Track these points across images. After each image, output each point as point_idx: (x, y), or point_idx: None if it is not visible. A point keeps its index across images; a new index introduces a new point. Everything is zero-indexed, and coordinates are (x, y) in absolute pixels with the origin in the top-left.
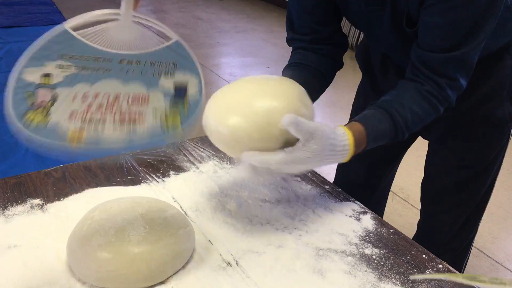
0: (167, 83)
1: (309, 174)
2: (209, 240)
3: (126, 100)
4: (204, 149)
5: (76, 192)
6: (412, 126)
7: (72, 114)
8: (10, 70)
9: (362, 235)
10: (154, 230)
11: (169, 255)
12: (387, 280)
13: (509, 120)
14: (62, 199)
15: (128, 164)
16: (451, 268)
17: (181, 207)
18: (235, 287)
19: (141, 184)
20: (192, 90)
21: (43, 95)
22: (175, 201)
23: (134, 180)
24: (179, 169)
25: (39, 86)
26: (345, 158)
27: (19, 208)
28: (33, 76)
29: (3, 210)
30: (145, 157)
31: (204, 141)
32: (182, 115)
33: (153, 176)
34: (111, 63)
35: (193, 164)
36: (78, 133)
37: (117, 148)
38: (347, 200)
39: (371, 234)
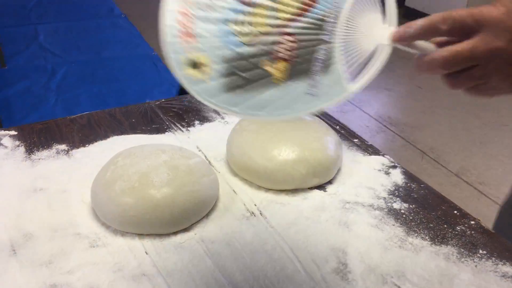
0: None
1: (337, 127)
2: (233, 190)
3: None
4: None
5: (101, 139)
6: None
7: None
8: (41, 22)
9: (391, 189)
10: (178, 177)
11: (192, 202)
12: (416, 235)
13: None
14: (87, 145)
15: (153, 112)
16: (484, 225)
17: (205, 156)
18: (258, 236)
19: (166, 133)
20: None
21: None
22: (199, 150)
23: (158, 128)
24: (204, 119)
25: None
26: None
27: (45, 153)
28: None
29: (29, 154)
30: (170, 106)
31: None
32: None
33: (178, 125)
34: None
35: (219, 114)
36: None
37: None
38: (376, 154)
39: (400, 189)
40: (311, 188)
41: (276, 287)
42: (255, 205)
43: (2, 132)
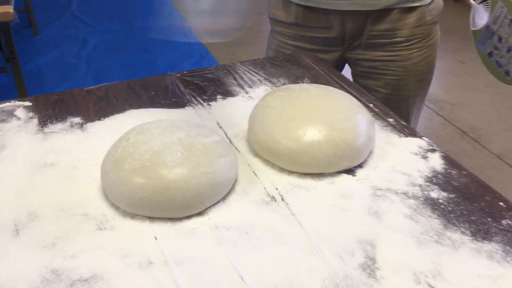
0: None
1: (371, 105)
2: (254, 172)
3: None
4: (256, 73)
5: (118, 112)
6: None
7: None
8: None
9: (429, 175)
10: (192, 156)
11: (206, 184)
12: (455, 228)
13: None
14: (102, 118)
15: (173, 85)
16: None
17: (225, 133)
18: (277, 224)
19: (186, 107)
20: None
21: None
22: (220, 127)
23: (178, 102)
24: (227, 93)
25: None
26: None
27: (58, 126)
28: None
29: (42, 127)
30: (191, 78)
31: (257, 64)
32: None
33: (199, 99)
34: None
35: (243, 88)
36: None
37: None
38: (413, 135)
39: (439, 175)
40: (339, 172)
41: (293, 282)
42: (277, 189)
43: (17, 102)
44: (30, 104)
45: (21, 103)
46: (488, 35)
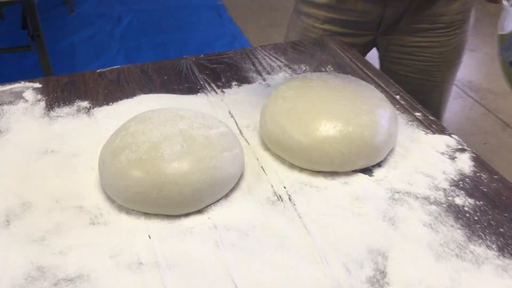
0: None
1: (397, 97)
2: (262, 167)
3: None
4: (276, 58)
5: (127, 97)
6: None
7: None
8: None
9: (455, 179)
10: (193, 150)
11: (207, 181)
12: (480, 241)
13: None
14: (111, 103)
15: (188, 69)
16: None
17: (236, 123)
18: (282, 227)
19: (198, 93)
20: None
21: None
22: (231, 116)
23: (191, 88)
24: (243, 80)
25: None
26: None
27: (65, 110)
28: None
29: (49, 111)
30: (207, 63)
31: (278, 49)
32: None
33: (213, 85)
34: None
35: (260, 75)
36: None
37: None
38: (442, 132)
39: (467, 179)
40: (354, 171)
41: None
42: (285, 187)
43: (27, 84)
44: (40, 86)
45: (30, 84)
46: None
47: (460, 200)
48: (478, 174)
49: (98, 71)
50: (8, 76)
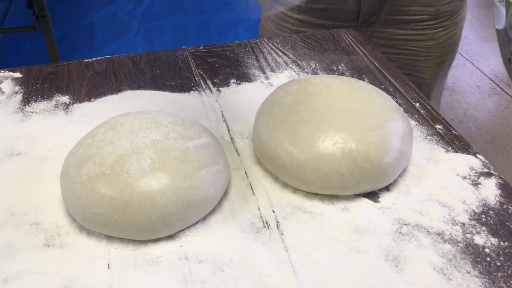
0: None
1: (417, 104)
2: (250, 184)
3: None
4: (283, 53)
5: (112, 93)
6: None
7: None
8: None
9: (476, 211)
10: (165, 166)
11: (178, 204)
12: None
13: None
14: (93, 99)
15: (184, 63)
16: None
17: (228, 129)
18: (263, 262)
19: (191, 91)
20: None
21: None
22: (223, 121)
23: (184, 85)
24: (243, 77)
25: None
26: None
27: (41, 105)
28: None
29: (24, 105)
30: (206, 56)
31: (287, 42)
32: None
33: (209, 82)
34: None
35: (263, 72)
36: None
37: None
38: (466, 150)
39: (491, 212)
40: (357, 195)
41: None
42: (273, 211)
43: (7, 73)
44: (20, 76)
45: (10, 74)
46: (507, 40)
47: (481, 239)
48: (505, 206)
49: (85, 61)
50: (21, 57)
